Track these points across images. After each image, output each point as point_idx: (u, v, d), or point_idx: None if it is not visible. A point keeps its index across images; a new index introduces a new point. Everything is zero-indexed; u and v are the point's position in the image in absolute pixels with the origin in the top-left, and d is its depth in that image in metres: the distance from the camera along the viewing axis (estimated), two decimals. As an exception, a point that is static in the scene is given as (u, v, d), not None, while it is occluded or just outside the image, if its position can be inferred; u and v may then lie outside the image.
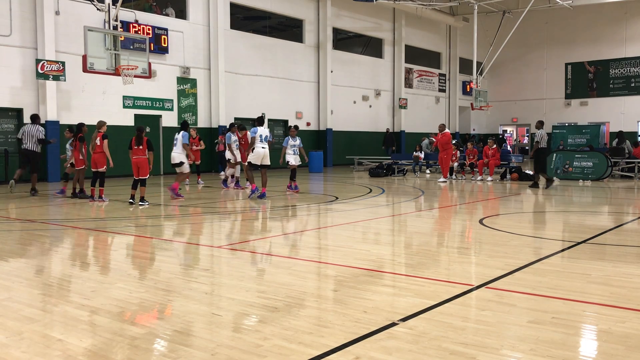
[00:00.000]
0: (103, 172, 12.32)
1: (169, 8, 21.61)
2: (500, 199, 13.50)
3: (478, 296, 4.86)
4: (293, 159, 14.37)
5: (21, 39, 17.26)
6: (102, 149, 12.20)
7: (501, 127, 39.34)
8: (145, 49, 15.54)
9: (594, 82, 35.13)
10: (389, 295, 4.96)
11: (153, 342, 3.81)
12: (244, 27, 24.67)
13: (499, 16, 31.10)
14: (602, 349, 3.65)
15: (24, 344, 3.76)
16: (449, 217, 10.51)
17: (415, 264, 6.30)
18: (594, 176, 17.45)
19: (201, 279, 5.59)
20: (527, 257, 6.34)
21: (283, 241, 7.97)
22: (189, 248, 7.49)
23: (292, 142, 14.43)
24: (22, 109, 17.44)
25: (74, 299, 4.88)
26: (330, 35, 27.37)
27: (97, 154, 12.21)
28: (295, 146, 14.42)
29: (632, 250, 7.04)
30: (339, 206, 11.90)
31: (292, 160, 14.33)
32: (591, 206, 12.20)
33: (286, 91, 25.82)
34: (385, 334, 3.87)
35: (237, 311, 4.48)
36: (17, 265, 6.34)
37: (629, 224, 9.46)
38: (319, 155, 23.18)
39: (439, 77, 36.09)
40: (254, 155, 12.56)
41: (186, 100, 21.81)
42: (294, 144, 14.42)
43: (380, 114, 31.40)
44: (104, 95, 19.09)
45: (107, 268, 6.29)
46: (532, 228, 9.03)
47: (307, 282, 5.49)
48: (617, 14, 33.35)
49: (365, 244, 7.75)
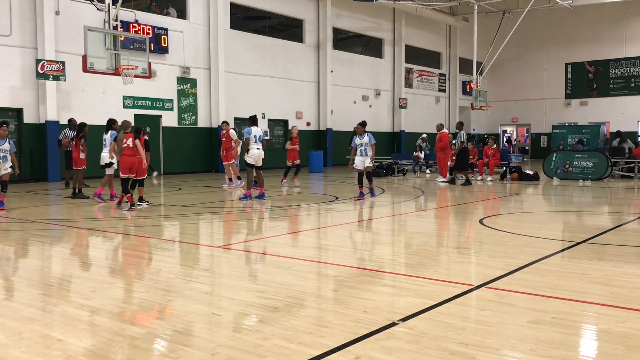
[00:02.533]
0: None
1: (170, 8, 21.61)
2: (500, 199, 13.50)
3: (478, 296, 4.86)
4: (360, 162, 12.53)
5: (21, 39, 17.25)
6: (132, 152, 11.16)
7: (501, 127, 39.36)
8: (145, 49, 15.55)
9: (594, 82, 35.14)
10: (389, 295, 4.96)
11: (153, 342, 3.81)
12: (244, 27, 24.67)
13: (499, 16, 31.09)
14: (602, 349, 3.65)
15: (24, 344, 3.76)
16: (449, 217, 10.51)
17: (415, 264, 6.30)
18: (594, 176, 17.45)
19: (201, 279, 5.59)
20: (527, 257, 6.34)
21: (283, 241, 7.96)
22: (189, 248, 7.48)
23: (359, 140, 12.56)
24: (22, 109, 17.43)
25: (74, 299, 4.88)
26: (330, 35, 27.37)
27: (130, 157, 11.12)
28: (363, 145, 12.53)
29: (632, 250, 7.04)
30: (339, 206, 11.90)
31: (358, 162, 12.53)
32: (591, 206, 12.20)
33: (286, 91, 25.82)
34: (385, 334, 3.88)
35: (237, 311, 4.48)
36: (17, 265, 6.34)
37: (629, 224, 9.46)
38: (319, 155, 23.19)
39: (439, 77, 36.09)
40: (251, 157, 12.37)
41: (186, 100, 21.81)
42: (361, 142, 12.54)
43: (381, 114, 31.40)
44: (104, 95, 19.09)
45: (107, 268, 6.28)
46: (532, 228, 9.03)
47: (307, 282, 5.49)
48: (617, 14, 33.34)
49: (366, 243, 7.75)
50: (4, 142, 11.12)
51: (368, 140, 12.39)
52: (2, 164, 11.12)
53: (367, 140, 12.37)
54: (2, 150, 11.11)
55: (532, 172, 18.10)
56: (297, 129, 16.97)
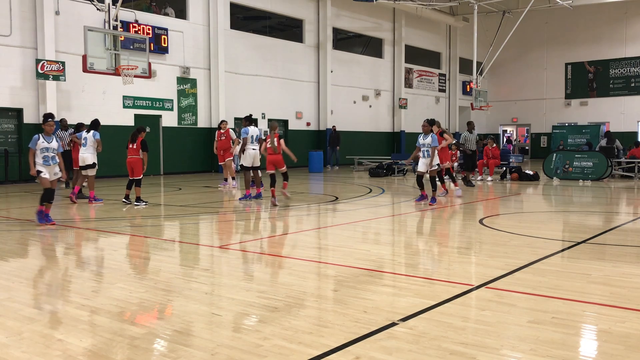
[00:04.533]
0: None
1: (168, 8, 21.61)
2: (500, 199, 13.50)
3: (478, 296, 4.86)
4: (422, 164, 11.47)
5: (21, 39, 17.25)
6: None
7: (501, 127, 39.37)
8: (145, 49, 15.55)
9: (594, 82, 35.14)
10: (389, 295, 4.96)
11: (153, 342, 3.81)
12: (244, 27, 24.67)
13: (499, 16, 31.10)
14: (602, 349, 3.65)
15: (24, 344, 3.76)
16: (449, 217, 10.51)
17: (415, 264, 6.30)
18: (594, 176, 17.45)
19: (201, 279, 5.59)
20: (527, 257, 6.34)
21: (283, 241, 7.96)
22: (189, 248, 7.48)
23: (423, 140, 11.47)
24: (22, 109, 17.43)
25: (74, 299, 4.88)
26: (330, 35, 27.37)
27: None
28: (425, 145, 11.41)
29: (632, 250, 7.04)
30: (339, 206, 11.90)
31: (421, 165, 11.54)
32: (591, 206, 12.19)
33: (286, 91, 25.82)
34: (385, 334, 3.87)
35: (237, 311, 4.48)
36: (17, 265, 6.34)
37: (629, 224, 9.46)
38: (319, 155, 23.19)
39: (439, 77, 36.09)
40: (246, 158, 12.33)
41: (186, 100, 21.82)
42: (423, 142, 11.44)
43: (380, 114, 31.41)
44: (104, 95, 19.09)
45: (107, 268, 6.28)
46: (532, 228, 9.02)
47: (307, 282, 5.49)
48: (617, 14, 33.35)
49: (366, 243, 7.75)
50: (50, 139, 8.99)
51: (431, 140, 11.21)
52: (51, 167, 8.94)
53: (430, 140, 11.22)
54: (50, 149, 8.93)
55: (532, 172, 18.10)
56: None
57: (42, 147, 8.85)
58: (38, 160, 8.85)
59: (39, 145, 8.83)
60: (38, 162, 8.84)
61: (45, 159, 8.85)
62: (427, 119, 11.63)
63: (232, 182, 15.46)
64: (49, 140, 8.93)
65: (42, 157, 8.84)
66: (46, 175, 8.85)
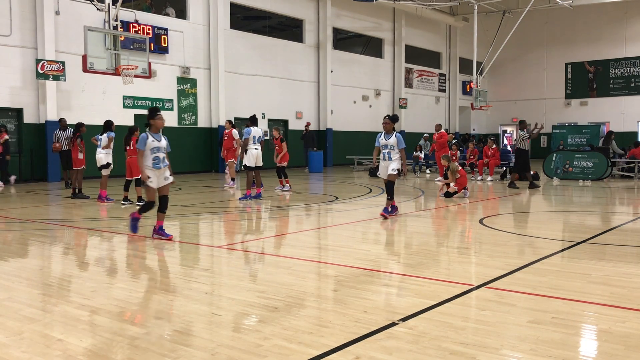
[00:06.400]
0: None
1: (169, 8, 21.61)
2: (500, 199, 13.50)
3: (478, 296, 4.86)
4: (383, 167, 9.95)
5: (21, 39, 17.25)
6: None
7: (501, 127, 39.36)
8: (145, 49, 15.55)
9: (594, 82, 35.13)
10: (389, 295, 4.96)
11: (153, 342, 3.80)
12: (244, 27, 24.67)
13: (499, 16, 31.09)
14: (602, 349, 3.65)
15: (24, 344, 3.76)
16: (448, 217, 10.51)
17: (415, 264, 6.30)
18: (594, 176, 17.45)
19: (201, 279, 5.59)
20: (527, 257, 6.34)
21: (283, 241, 7.96)
22: (189, 248, 7.48)
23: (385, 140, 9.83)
24: (22, 109, 17.43)
25: (74, 299, 4.87)
26: (330, 35, 27.37)
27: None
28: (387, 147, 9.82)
29: (632, 250, 7.04)
30: (339, 206, 11.90)
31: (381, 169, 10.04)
32: (591, 206, 12.19)
33: (286, 91, 25.82)
34: (385, 334, 3.87)
35: (237, 311, 4.48)
36: (17, 265, 6.33)
37: (628, 224, 9.45)
38: (319, 155, 23.18)
39: (439, 77, 36.09)
40: (249, 158, 12.34)
41: (186, 100, 21.81)
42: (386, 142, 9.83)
43: (381, 113, 31.30)
44: (104, 95, 19.09)
45: (107, 268, 6.28)
46: (532, 228, 9.03)
47: (307, 282, 5.49)
48: (617, 14, 33.34)
49: (365, 243, 7.75)
50: (159, 137, 7.63)
51: (396, 142, 9.71)
52: (161, 170, 7.55)
53: (394, 142, 9.71)
54: (161, 149, 7.57)
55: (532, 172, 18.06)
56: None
57: (153, 146, 7.47)
58: (147, 162, 7.45)
59: (148, 145, 7.42)
60: (147, 166, 7.46)
61: (155, 161, 7.48)
62: (388, 115, 10.02)
63: (229, 182, 15.53)
64: (158, 139, 7.58)
65: (153, 159, 7.46)
66: (153, 183, 7.51)
